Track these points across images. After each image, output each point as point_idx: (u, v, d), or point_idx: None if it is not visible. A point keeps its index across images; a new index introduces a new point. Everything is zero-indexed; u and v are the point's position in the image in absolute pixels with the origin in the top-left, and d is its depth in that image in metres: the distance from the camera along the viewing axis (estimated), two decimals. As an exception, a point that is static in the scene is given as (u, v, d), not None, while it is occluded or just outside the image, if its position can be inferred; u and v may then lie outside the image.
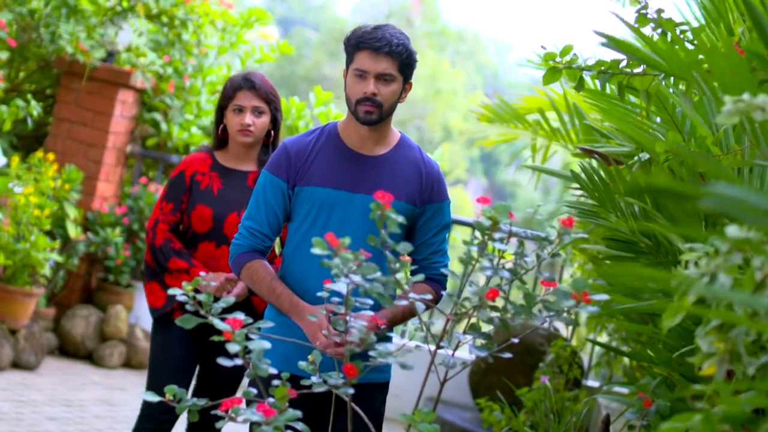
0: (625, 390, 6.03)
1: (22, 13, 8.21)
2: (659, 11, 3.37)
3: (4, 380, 7.11)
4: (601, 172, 3.81)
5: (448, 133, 32.83)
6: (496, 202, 2.93)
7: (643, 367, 5.28)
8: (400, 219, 2.80)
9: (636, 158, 3.77)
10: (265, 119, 4.67)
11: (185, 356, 4.66)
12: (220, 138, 4.74)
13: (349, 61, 3.75)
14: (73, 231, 7.98)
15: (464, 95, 33.94)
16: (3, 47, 8.14)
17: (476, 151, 33.34)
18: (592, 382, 7.42)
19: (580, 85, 3.49)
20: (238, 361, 2.78)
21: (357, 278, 2.75)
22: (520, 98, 6.68)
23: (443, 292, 3.78)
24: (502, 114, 6.50)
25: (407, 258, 2.89)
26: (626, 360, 6.37)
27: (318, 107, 8.93)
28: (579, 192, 4.86)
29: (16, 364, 7.48)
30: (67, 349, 8.18)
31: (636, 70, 3.43)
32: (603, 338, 6.96)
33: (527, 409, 6.07)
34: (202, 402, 2.84)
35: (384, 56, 3.68)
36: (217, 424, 2.69)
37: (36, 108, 7.66)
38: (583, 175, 3.86)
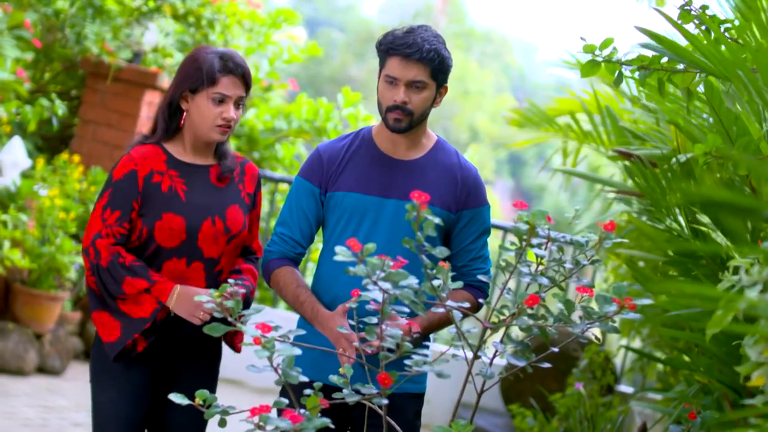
0: (659, 396, 5.95)
1: (47, 14, 8.17)
2: (704, 8, 3.26)
3: (30, 385, 7.06)
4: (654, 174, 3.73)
5: (475, 134, 32.76)
6: (533, 208, 2.84)
7: (678, 373, 5.18)
8: (437, 220, 2.71)
9: (674, 160, 3.68)
10: (241, 111, 3.79)
11: (137, 416, 3.77)
12: (177, 127, 3.82)
13: (381, 66, 3.66)
14: (99, 234, 7.92)
15: (492, 97, 33.86)
16: (28, 48, 8.09)
17: (503, 153, 33.25)
18: (624, 388, 7.31)
19: (618, 80, 3.40)
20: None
21: (386, 285, 2.66)
22: (551, 100, 6.59)
23: (482, 300, 3.66)
24: (532, 117, 6.41)
25: (446, 265, 2.78)
26: (660, 366, 6.27)
27: (347, 108, 8.86)
28: (612, 195, 4.76)
29: (42, 369, 7.42)
30: (93, 353, 8.11)
31: (677, 67, 3.33)
32: (636, 343, 6.85)
33: (560, 416, 5.98)
34: (234, 409, 2.77)
35: (414, 63, 3.56)
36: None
37: (61, 107, 7.60)
38: (635, 177, 3.77)
